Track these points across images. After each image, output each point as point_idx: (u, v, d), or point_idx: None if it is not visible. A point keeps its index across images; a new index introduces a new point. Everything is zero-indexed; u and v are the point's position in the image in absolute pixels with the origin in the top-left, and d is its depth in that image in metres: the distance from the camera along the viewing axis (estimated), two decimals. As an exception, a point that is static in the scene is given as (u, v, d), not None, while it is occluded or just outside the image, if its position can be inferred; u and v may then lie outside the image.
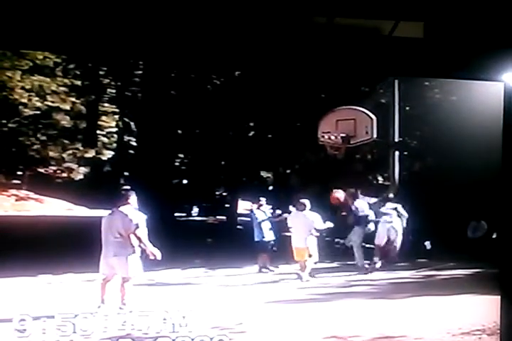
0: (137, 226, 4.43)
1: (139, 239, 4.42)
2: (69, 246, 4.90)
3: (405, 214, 5.79)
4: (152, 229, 7.16)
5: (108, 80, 7.63)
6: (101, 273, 4.46)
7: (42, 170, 7.23)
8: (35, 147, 7.05)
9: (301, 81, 6.21)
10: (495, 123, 3.53)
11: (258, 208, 6.00)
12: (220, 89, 6.55)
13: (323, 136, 5.86)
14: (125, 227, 4.47)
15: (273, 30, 2.83)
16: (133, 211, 4.61)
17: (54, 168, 7.49)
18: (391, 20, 2.70)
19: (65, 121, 7.57)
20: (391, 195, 5.90)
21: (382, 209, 5.96)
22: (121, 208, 4.64)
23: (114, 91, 8.00)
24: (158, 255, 4.39)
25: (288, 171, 7.11)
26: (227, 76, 6.07)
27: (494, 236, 6.81)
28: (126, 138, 8.32)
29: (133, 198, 4.76)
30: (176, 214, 9.80)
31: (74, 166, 7.72)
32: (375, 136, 5.97)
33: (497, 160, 3.38)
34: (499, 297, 3.27)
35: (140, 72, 7.22)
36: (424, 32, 2.75)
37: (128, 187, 5.09)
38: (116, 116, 8.33)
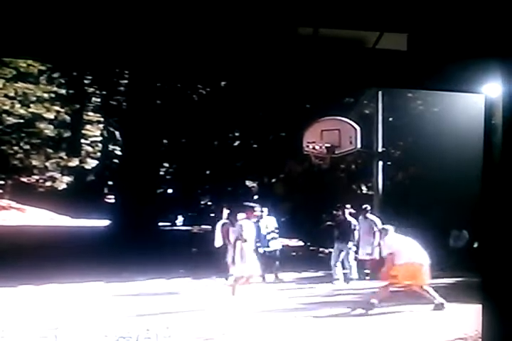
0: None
1: None
2: (52, 256, 4.83)
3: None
4: (136, 239, 7.12)
5: (93, 89, 7.60)
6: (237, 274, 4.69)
7: (25, 180, 7.13)
8: (18, 156, 6.96)
9: (286, 92, 6.27)
10: (476, 134, 3.60)
11: (260, 218, 5.94)
12: (205, 99, 6.58)
13: (308, 146, 5.91)
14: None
15: (258, 41, 2.86)
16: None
17: (37, 177, 7.40)
18: (375, 32, 2.75)
19: (49, 130, 7.50)
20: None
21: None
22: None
23: (99, 100, 7.97)
24: None
25: (273, 180, 7.15)
26: (213, 86, 6.10)
27: (475, 245, 6.92)
28: (110, 147, 8.26)
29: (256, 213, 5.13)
30: (161, 224, 9.74)
31: (57, 175, 7.65)
32: (359, 146, 6.03)
33: (478, 170, 3.43)
34: (481, 305, 3.32)
35: (125, 81, 7.21)
36: (407, 44, 2.81)
37: (253, 204, 5.25)
38: (101, 125, 8.28)
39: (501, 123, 3.31)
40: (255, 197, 7.80)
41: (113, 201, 7.89)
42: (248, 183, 7.38)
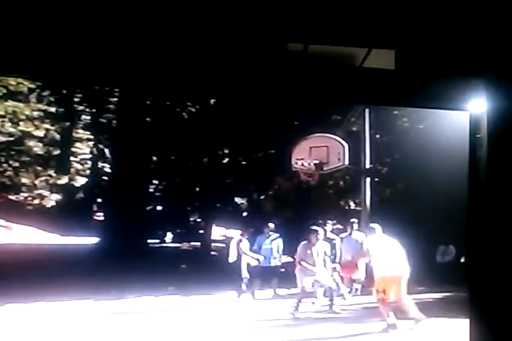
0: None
1: None
2: (40, 274, 4.77)
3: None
4: (125, 256, 7.04)
5: (83, 107, 7.62)
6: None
7: (13, 197, 7.06)
8: (7, 173, 6.90)
9: (275, 109, 6.35)
10: (461, 151, 3.70)
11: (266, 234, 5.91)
12: (195, 117, 6.62)
13: (296, 163, 5.95)
14: None
15: (246, 57, 2.93)
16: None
17: (25, 194, 7.34)
18: (363, 48, 2.84)
19: (38, 148, 7.47)
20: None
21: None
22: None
23: (88, 117, 7.98)
24: None
25: (262, 197, 7.15)
26: (203, 104, 6.16)
27: (463, 260, 6.95)
28: (100, 164, 8.23)
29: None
30: (150, 241, 9.63)
31: (46, 193, 7.59)
32: (347, 162, 6.08)
33: (463, 185, 3.52)
34: (468, 320, 3.36)
35: (115, 99, 7.23)
36: (395, 61, 2.90)
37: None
38: (91, 143, 8.27)
39: (486, 139, 3.41)
40: (244, 213, 7.80)
41: (102, 218, 7.83)
42: (237, 200, 7.38)
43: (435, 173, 6.22)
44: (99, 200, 7.58)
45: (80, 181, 7.22)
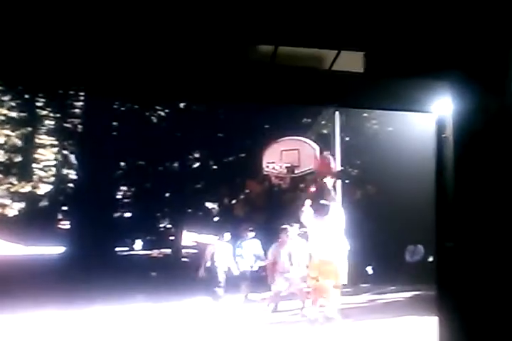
0: None
1: None
2: (3, 286, 4.56)
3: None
4: (92, 266, 6.84)
5: (46, 112, 7.37)
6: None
7: (-28, 207, 6.77)
8: (-35, 182, 6.62)
9: (246, 112, 6.33)
10: (428, 152, 3.75)
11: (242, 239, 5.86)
12: (164, 121, 6.52)
13: (267, 166, 5.93)
14: None
15: (215, 60, 2.88)
16: None
17: (-14, 203, 7.04)
18: (333, 51, 2.84)
19: (-1, 155, 7.19)
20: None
21: None
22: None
23: (52, 123, 7.72)
24: None
25: (234, 201, 7.10)
26: (172, 107, 6.07)
27: (430, 259, 7.15)
28: (64, 171, 7.98)
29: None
30: (118, 249, 9.41)
31: (7, 202, 7.29)
32: (318, 165, 6.11)
33: (430, 187, 3.56)
34: (437, 317, 3.41)
35: (80, 103, 7.03)
36: (364, 64, 2.91)
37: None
38: (55, 149, 8.00)
39: (451, 138, 3.46)
40: (215, 218, 7.72)
41: (68, 227, 7.59)
42: (208, 205, 7.31)
43: (404, 174, 6.35)
44: (64, 208, 7.35)
45: (44, 189, 6.97)
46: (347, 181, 6.85)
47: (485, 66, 3.16)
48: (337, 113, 6.10)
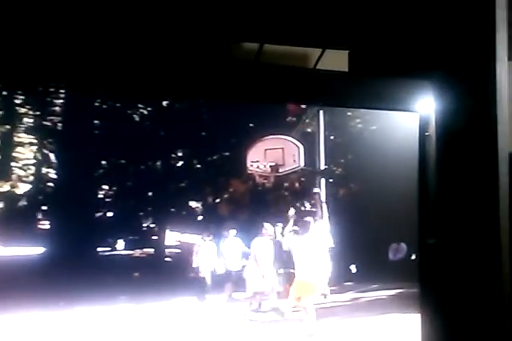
0: None
1: None
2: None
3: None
4: (73, 266, 6.77)
5: (25, 109, 7.23)
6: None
7: None
8: None
9: (229, 111, 6.32)
10: (411, 149, 3.81)
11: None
12: (146, 119, 6.46)
13: (252, 165, 5.96)
14: None
15: (198, 57, 2.87)
16: None
17: (-38, 203, 6.88)
18: (318, 49, 2.86)
19: (-24, 153, 7.03)
20: None
21: None
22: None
23: (31, 120, 7.58)
24: None
25: (217, 201, 7.10)
26: (155, 105, 6.02)
27: (413, 257, 7.31)
28: (44, 170, 7.84)
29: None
30: (100, 249, 9.30)
31: (-15, 201, 7.14)
32: (302, 164, 6.17)
33: (414, 185, 3.62)
34: (419, 315, 3.49)
35: (60, 101, 6.92)
36: (348, 63, 2.94)
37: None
38: (34, 147, 7.85)
39: (434, 138, 3.51)
40: (199, 217, 7.68)
41: (48, 227, 7.46)
42: (192, 204, 7.27)
43: (387, 173, 6.44)
44: (44, 208, 7.22)
45: (23, 188, 6.82)
46: (331, 180, 6.93)
47: (467, 66, 3.20)
48: (321, 111, 6.18)
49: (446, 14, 3.14)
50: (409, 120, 3.81)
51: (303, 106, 5.36)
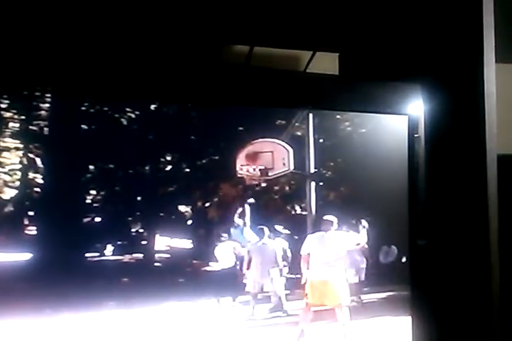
0: None
1: None
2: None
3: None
4: (60, 272, 6.67)
5: (10, 114, 7.12)
6: None
7: None
8: None
9: (219, 114, 6.29)
10: (400, 151, 3.82)
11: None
12: (134, 123, 6.41)
13: (241, 169, 5.94)
14: None
15: (187, 60, 2.84)
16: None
17: None
18: (308, 52, 2.85)
19: (-40, 159, 6.90)
20: None
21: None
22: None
23: (17, 125, 7.46)
24: None
25: (207, 205, 7.06)
26: (143, 109, 5.97)
27: (404, 260, 7.35)
28: (31, 175, 7.73)
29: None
30: (88, 255, 9.18)
31: (-30, 207, 7.02)
32: (292, 167, 6.15)
33: (404, 188, 3.63)
34: (410, 317, 3.50)
35: (47, 105, 6.83)
36: (338, 65, 2.94)
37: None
38: (20, 152, 7.74)
39: (423, 140, 3.53)
40: (189, 222, 7.63)
41: (35, 232, 7.35)
42: (181, 208, 7.22)
43: (377, 175, 6.45)
44: (30, 213, 7.12)
45: (9, 193, 6.72)
46: (321, 183, 6.92)
47: (455, 69, 3.22)
48: (311, 115, 6.18)
49: (435, 19, 3.16)
50: (398, 122, 3.82)
51: (293, 109, 5.35)
